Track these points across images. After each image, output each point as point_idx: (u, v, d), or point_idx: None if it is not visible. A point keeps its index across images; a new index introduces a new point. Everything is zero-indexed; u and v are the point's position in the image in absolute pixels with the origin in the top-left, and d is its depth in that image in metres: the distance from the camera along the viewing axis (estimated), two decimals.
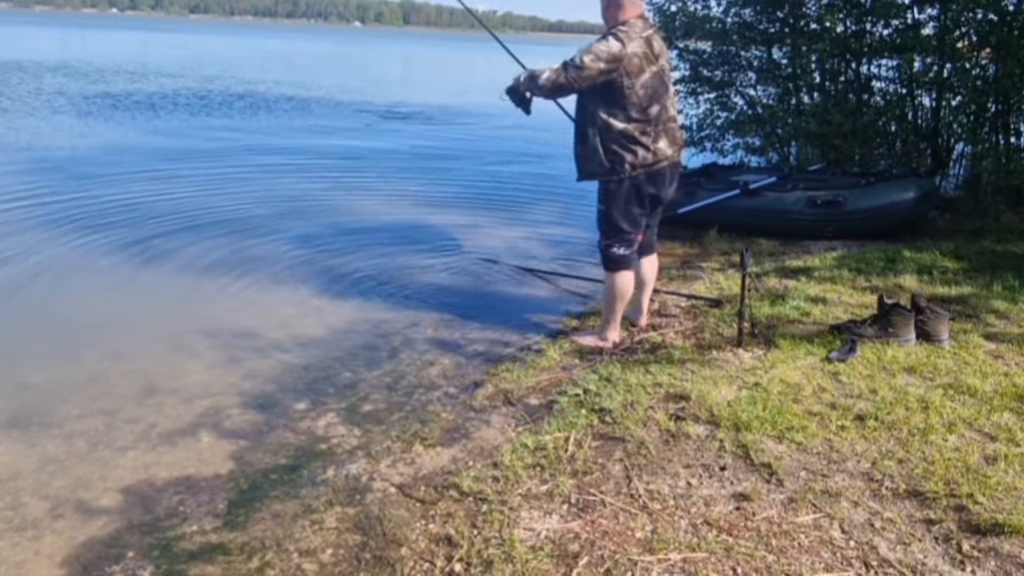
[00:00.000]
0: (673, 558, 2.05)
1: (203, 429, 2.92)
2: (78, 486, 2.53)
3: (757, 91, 7.68)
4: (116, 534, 2.30)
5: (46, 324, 3.90)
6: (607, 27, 3.34)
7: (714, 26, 7.37)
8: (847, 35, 6.69)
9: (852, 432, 2.67)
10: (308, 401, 3.16)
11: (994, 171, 6.06)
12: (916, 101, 6.84)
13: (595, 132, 3.34)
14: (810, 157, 7.21)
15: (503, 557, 2.07)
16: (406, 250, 5.42)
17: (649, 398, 2.96)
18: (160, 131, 10.61)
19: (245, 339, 3.76)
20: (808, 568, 2.02)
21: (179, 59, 27.45)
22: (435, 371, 3.47)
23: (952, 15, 6.23)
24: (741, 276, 3.43)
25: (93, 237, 5.32)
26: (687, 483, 2.41)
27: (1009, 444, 2.59)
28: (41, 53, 26.26)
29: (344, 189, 7.47)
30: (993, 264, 4.69)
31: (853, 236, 5.48)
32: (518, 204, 7.07)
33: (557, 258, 5.25)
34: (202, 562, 2.17)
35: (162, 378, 3.32)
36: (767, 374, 3.12)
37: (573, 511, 2.28)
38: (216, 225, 5.80)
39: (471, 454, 2.69)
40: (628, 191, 3.39)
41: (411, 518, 2.32)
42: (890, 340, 3.40)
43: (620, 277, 3.52)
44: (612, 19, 3.33)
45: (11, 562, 2.17)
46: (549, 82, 3.30)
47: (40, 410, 3.01)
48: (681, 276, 4.76)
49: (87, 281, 4.54)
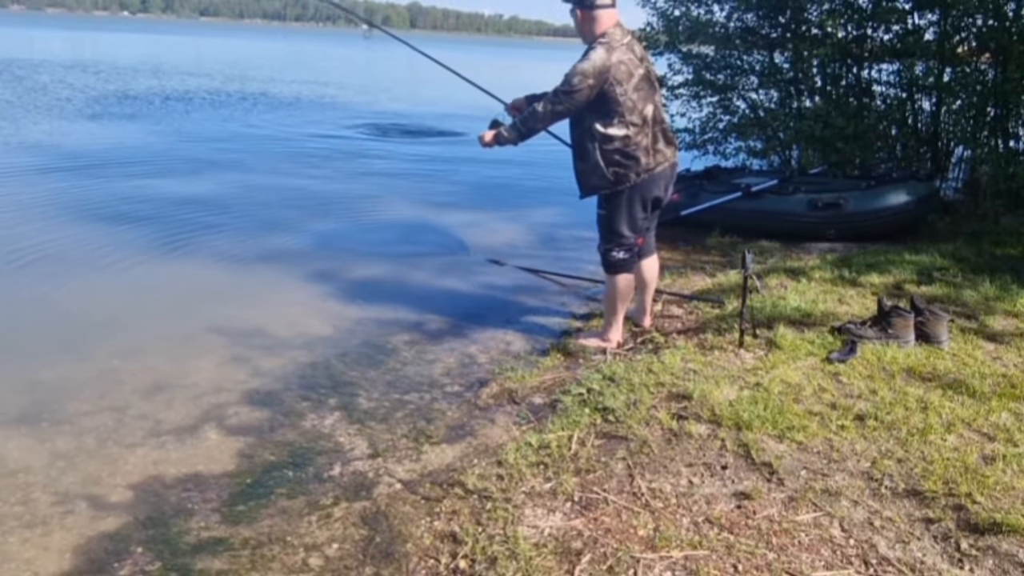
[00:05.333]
0: (675, 555, 2.08)
1: (211, 426, 2.95)
2: (87, 482, 2.56)
3: (759, 95, 7.71)
4: (124, 529, 2.33)
5: (56, 321, 3.93)
6: (586, 42, 3.32)
7: (717, 31, 7.40)
8: (848, 40, 6.72)
9: (852, 432, 2.70)
10: (314, 399, 3.20)
11: (993, 174, 6.08)
12: (916, 105, 6.87)
13: (595, 146, 3.32)
14: (811, 160, 7.23)
15: (507, 554, 2.09)
16: (412, 250, 5.46)
17: (652, 397, 2.98)
18: (176, 129, 10.66)
19: (253, 337, 3.79)
20: (808, 566, 2.04)
21: (202, 60, 27.51)
22: (440, 370, 3.50)
23: (952, 20, 6.25)
24: (742, 277, 3.46)
25: (103, 234, 5.36)
26: (689, 481, 2.43)
27: (1007, 444, 2.62)
28: (57, 54, 26.48)
29: (349, 190, 7.50)
30: (992, 266, 4.72)
31: (853, 238, 5.51)
32: (522, 205, 7.11)
33: (561, 259, 5.27)
34: (209, 557, 2.20)
35: (171, 375, 3.35)
36: (768, 374, 3.15)
37: (576, 509, 2.31)
38: (225, 224, 5.85)
39: (476, 452, 2.72)
40: (630, 196, 3.40)
41: (416, 515, 2.35)
42: (890, 341, 3.42)
43: (620, 280, 3.55)
44: (590, 34, 3.32)
45: (21, 558, 2.20)
46: (548, 114, 3.32)
47: (50, 406, 3.04)
48: (683, 277, 4.79)
49: (96, 279, 4.57)
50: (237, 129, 11.34)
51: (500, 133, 3.47)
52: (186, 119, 12.08)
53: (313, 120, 12.82)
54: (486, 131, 3.51)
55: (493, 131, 3.49)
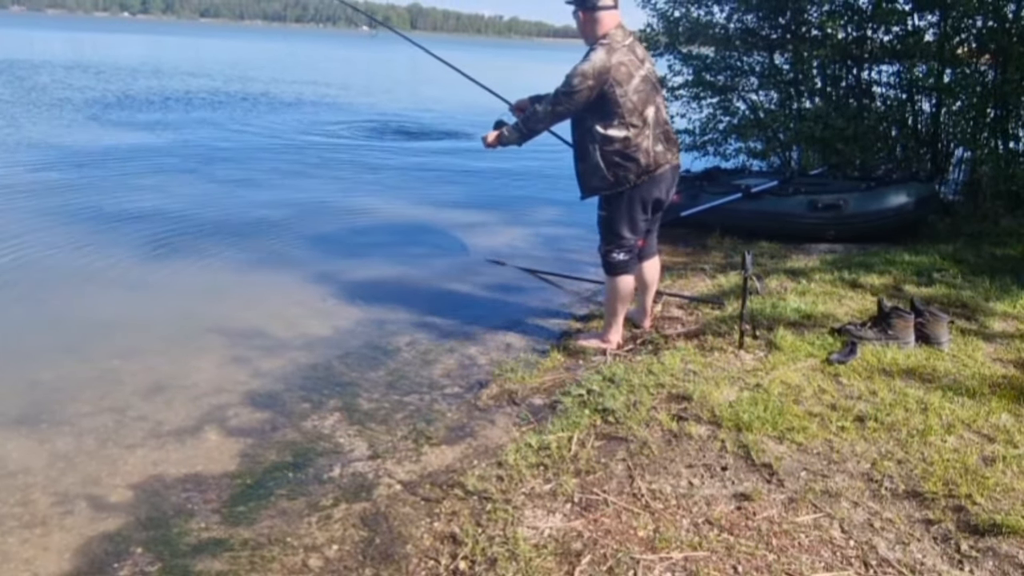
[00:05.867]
0: (675, 557, 2.08)
1: (211, 427, 2.95)
2: (87, 483, 2.56)
3: (759, 96, 7.71)
4: (124, 530, 2.33)
5: (56, 322, 3.93)
6: (588, 44, 3.33)
7: (717, 32, 7.41)
8: (848, 41, 6.72)
9: (852, 433, 2.70)
10: (314, 400, 3.20)
11: (993, 176, 6.08)
12: (916, 106, 6.87)
13: (595, 147, 3.33)
14: (811, 161, 7.24)
15: (507, 555, 2.09)
16: (412, 251, 5.46)
17: (652, 399, 2.98)
18: (177, 129, 10.66)
19: (253, 338, 3.79)
20: (808, 567, 2.04)
21: (202, 61, 27.49)
22: (440, 371, 3.50)
23: (952, 22, 6.26)
24: (742, 278, 3.46)
25: (103, 235, 5.36)
26: (689, 483, 2.43)
27: (1007, 445, 2.62)
28: (57, 55, 26.48)
29: (349, 190, 7.50)
30: (992, 267, 4.72)
31: (853, 239, 5.51)
32: (522, 205, 7.11)
33: (561, 260, 5.28)
34: (208, 558, 2.20)
35: (171, 376, 3.35)
36: (768, 375, 3.15)
37: (576, 510, 2.31)
38: (226, 225, 5.85)
39: (476, 453, 2.72)
40: (631, 198, 3.40)
41: (416, 516, 2.35)
42: (890, 342, 3.43)
43: (620, 281, 3.55)
44: (592, 35, 3.32)
45: (20, 558, 2.20)
46: (549, 115, 3.34)
47: (50, 407, 3.04)
48: (683, 278, 4.79)
49: (96, 279, 4.57)
50: (237, 129, 11.34)
51: (503, 133, 3.48)
52: (187, 119, 12.08)
53: (314, 120, 12.82)
54: (490, 132, 3.53)
55: (496, 131, 3.51)
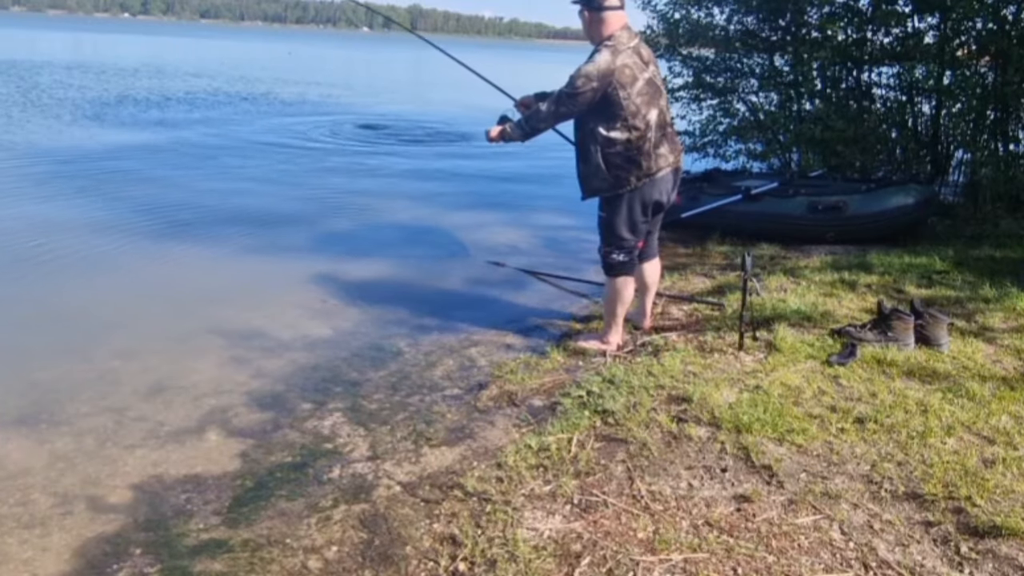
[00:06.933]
0: (674, 558, 2.08)
1: (211, 427, 2.95)
2: (87, 483, 2.56)
3: (759, 97, 7.72)
4: (123, 531, 2.33)
5: (56, 322, 3.93)
6: (593, 44, 3.33)
7: (717, 33, 7.42)
8: (848, 43, 6.73)
9: (852, 435, 2.70)
10: (314, 401, 3.20)
11: (993, 177, 6.09)
12: (916, 108, 6.88)
13: (596, 149, 3.32)
14: (811, 163, 7.24)
15: (507, 556, 2.09)
16: (413, 252, 5.46)
17: (651, 400, 2.98)
18: (177, 129, 10.67)
19: (253, 339, 3.79)
20: (808, 569, 2.04)
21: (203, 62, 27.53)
22: (440, 372, 3.50)
23: (952, 24, 6.27)
24: (742, 280, 3.46)
25: (102, 235, 5.36)
26: (688, 484, 2.43)
27: (1007, 447, 2.62)
28: (58, 55, 26.53)
29: (350, 191, 7.50)
30: (992, 269, 4.72)
31: (853, 241, 5.51)
32: (523, 206, 7.11)
33: (561, 261, 5.28)
34: (208, 559, 2.20)
35: (171, 376, 3.35)
36: (768, 377, 3.15)
37: (576, 511, 2.31)
38: (227, 225, 5.85)
39: (475, 454, 2.72)
40: (631, 200, 3.40)
41: (416, 517, 2.35)
42: (890, 344, 3.43)
43: (620, 283, 3.55)
44: (597, 35, 3.31)
45: (19, 559, 2.19)
46: (552, 115, 3.33)
47: (50, 407, 3.04)
48: (683, 279, 4.79)
49: (96, 279, 4.58)
50: (237, 129, 11.35)
51: (506, 129, 3.49)
52: (187, 119, 12.09)
53: (314, 121, 12.82)
54: (494, 127, 3.54)
55: (500, 127, 3.52)
